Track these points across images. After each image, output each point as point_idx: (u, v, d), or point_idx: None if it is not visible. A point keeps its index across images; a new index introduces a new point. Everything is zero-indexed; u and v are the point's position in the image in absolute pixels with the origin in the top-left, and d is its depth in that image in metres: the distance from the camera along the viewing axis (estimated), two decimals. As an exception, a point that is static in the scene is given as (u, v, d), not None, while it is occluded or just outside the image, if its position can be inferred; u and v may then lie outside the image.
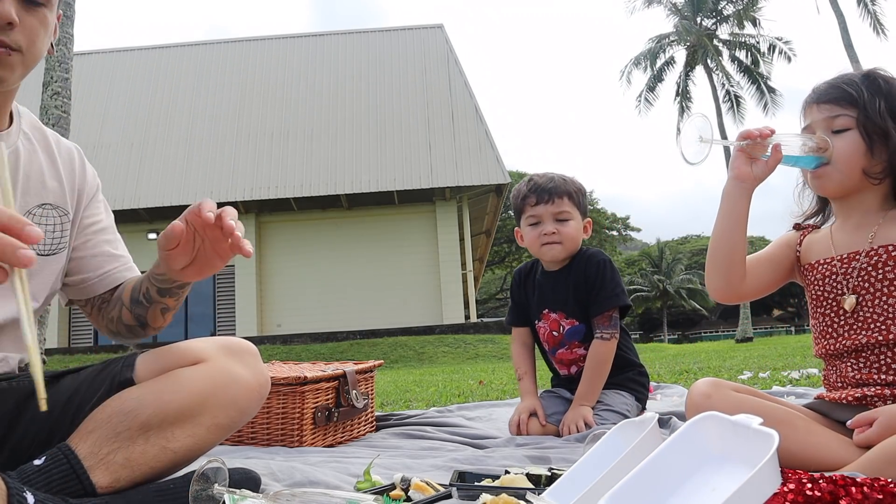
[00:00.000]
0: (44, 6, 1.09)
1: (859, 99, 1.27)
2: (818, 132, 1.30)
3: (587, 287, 2.07)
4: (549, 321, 2.16)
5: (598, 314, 2.05)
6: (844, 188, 1.31)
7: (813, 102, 1.33)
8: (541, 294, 2.18)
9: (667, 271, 38.35)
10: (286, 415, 2.02)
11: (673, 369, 5.38)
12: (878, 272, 1.26)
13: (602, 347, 2.03)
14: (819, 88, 1.34)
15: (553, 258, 2.11)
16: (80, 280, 1.30)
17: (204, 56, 19.74)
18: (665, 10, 23.23)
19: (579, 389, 2.03)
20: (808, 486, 0.85)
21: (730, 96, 23.10)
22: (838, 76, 1.33)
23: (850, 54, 17.64)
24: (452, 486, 1.20)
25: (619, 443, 1.05)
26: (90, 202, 1.34)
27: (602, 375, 2.03)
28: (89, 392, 1.14)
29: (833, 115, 1.29)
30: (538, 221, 2.09)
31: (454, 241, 17.64)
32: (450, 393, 4.32)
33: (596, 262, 2.09)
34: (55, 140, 1.30)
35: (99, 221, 1.35)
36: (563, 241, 2.07)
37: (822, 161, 1.29)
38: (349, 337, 16.27)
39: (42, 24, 1.09)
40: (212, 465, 0.99)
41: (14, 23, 1.03)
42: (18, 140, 1.20)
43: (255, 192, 17.40)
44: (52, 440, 1.06)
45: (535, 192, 2.08)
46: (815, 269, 1.36)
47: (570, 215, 2.08)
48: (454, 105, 18.23)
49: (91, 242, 1.32)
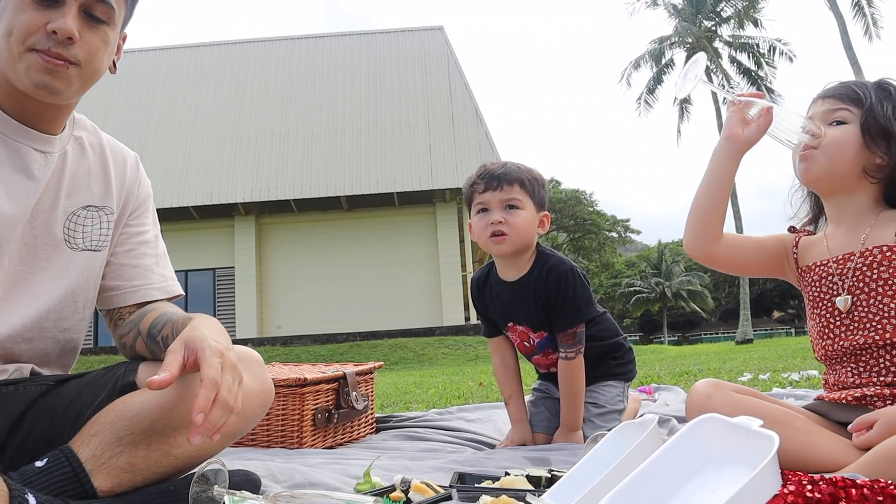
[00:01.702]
0: (106, 24, 1.12)
1: (865, 99, 1.29)
2: (815, 121, 1.33)
3: (548, 302, 1.91)
4: (517, 333, 2.03)
5: (562, 331, 1.91)
6: (829, 178, 1.32)
7: (818, 97, 1.36)
8: (502, 306, 2.01)
9: (666, 273, 38.36)
10: (286, 416, 2.01)
11: (673, 371, 5.38)
12: (872, 272, 1.27)
13: (569, 367, 1.91)
14: (828, 86, 1.37)
15: (499, 253, 1.92)
16: (111, 287, 1.29)
17: (204, 57, 19.76)
18: (665, 12, 23.27)
19: (563, 415, 1.94)
20: (808, 488, 0.85)
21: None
22: (851, 80, 1.36)
23: (850, 56, 17.67)
24: (452, 487, 1.20)
25: (619, 444, 1.05)
26: (138, 210, 1.35)
27: (579, 394, 1.93)
28: (92, 395, 1.15)
29: (833, 108, 1.32)
30: (485, 209, 1.90)
31: (454, 242, 17.65)
32: (450, 395, 4.31)
33: (558, 275, 1.89)
34: (111, 146, 1.33)
35: (144, 232, 1.35)
36: (509, 234, 1.86)
37: (810, 142, 1.32)
38: (349, 338, 16.27)
39: (103, 41, 1.12)
40: (212, 466, 0.99)
41: (74, 38, 1.06)
42: (68, 144, 1.23)
43: (255, 193, 17.41)
44: (54, 442, 1.06)
45: (484, 178, 1.90)
46: (812, 272, 1.38)
47: (520, 204, 1.88)
48: (454, 107, 18.24)
49: (133, 252, 1.32)
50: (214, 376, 0.95)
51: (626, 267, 41.77)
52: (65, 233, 1.22)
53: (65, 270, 1.22)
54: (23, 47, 1.06)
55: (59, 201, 1.20)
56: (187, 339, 1.01)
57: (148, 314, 1.25)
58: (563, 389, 1.93)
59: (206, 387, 0.94)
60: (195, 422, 0.92)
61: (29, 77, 1.07)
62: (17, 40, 1.06)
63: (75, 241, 1.23)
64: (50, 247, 1.20)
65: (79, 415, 1.11)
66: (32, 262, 1.18)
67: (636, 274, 40.22)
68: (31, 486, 0.95)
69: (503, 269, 1.99)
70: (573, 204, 35.38)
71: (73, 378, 1.21)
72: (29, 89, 1.08)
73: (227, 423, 0.97)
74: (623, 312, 39.90)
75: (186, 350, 1.00)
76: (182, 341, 1.01)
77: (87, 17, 1.10)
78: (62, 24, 1.05)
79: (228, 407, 0.96)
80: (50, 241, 1.20)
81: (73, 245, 1.23)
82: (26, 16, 1.06)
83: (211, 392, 0.94)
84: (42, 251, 1.19)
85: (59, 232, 1.21)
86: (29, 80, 1.07)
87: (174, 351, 1.00)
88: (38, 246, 1.19)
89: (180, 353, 0.99)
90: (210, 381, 0.94)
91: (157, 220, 1.41)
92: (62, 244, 1.21)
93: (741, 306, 20.69)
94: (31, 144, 1.16)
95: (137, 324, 1.25)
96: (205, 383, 0.94)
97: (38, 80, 1.07)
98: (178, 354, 0.99)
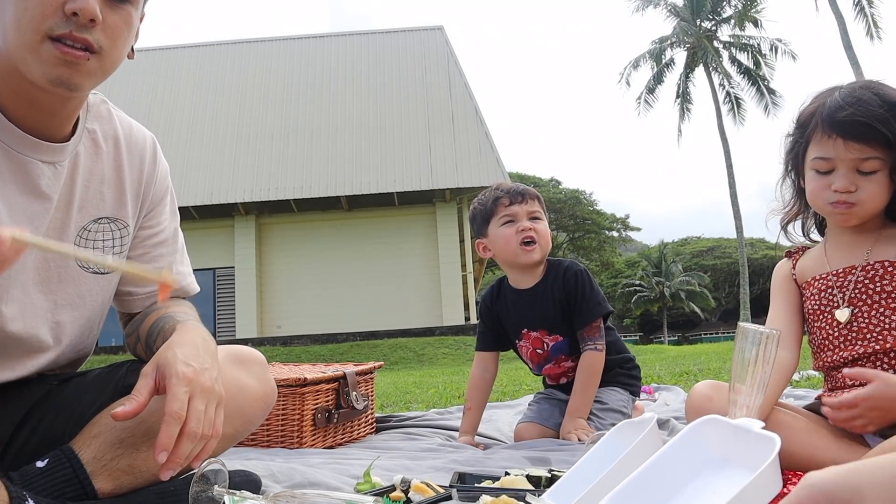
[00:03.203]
0: (129, 3, 0.99)
1: (894, 141, 1.19)
2: (841, 168, 1.24)
3: (568, 300, 2.02)
4: (531, 340, 2.09)
5: (585, 326, 2.01)
6: (861, 220, 1.29)
7: (838, 136, 1.22)
8: (517, 314, 2.10)
9: (666, 273, 38.33)
10: (286, 416, 2.01)
11: (673, 371, 5.38)
12: (875, 285, 1.26)
13: (594, 358, 1.98)
14: (843, 120, 1.22)
15: (530, 261, 2.02)
16: (126, 292, 1.24)
17: (204, 57, 19.74)
18: (665, 12, 23.26)
19: (572, 403, 1.97)
20: (808, 489, 0.85)
21: (730, 98, 23.12)
22: (858, 103, 1.21)
23: (850, 56, 17.66)
24: (452, 487, 1.20)
25: (619, 444, 1.05)
26: (155, 208, 1.25)
27: (594, 386, 1.98)
28: (94, 395, 1.14)
29: (864, 157, 1.21)
30: (512, 220, 2.02)
31: (454, 242, 17.63)
32: (450, 394, 4.31)
33: (573, 274, 2.04)
34: (126, 135, 1.20)
35: (160, 232, 1.26)
36: (538, 241, 2.02)
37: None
38: (349, 338, 16.26)
39: (126, 23, 0.99)
40: (212, 466, 0.99)
41: (97, 19, 0.93)
42: (80, 144, 1.11)
43: (255, 193, 17.40)
44: (55, 441, 1.05)
45: (508, 193, 2.05)
46: (811, 286, 1.37)
47: (542, 216, 2.06)
48: (454, 107, 18.22)
49: (148, 256, 1.24)
50: (177, 410, 0.90)
51: (626, 266, 41.69)
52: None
53: (78, 299, 1.14)
54: (38, 35, 0.92)
55: (70, 216, 1.10)
56: (159, 362, 0.97)
57: (149, 315, 1.21)
58: (580, 378, 1.98)
59: (167, 422, 0.89)
60: (158, 461, 0.88)
61: (43, 71, 0.94)
62: (29, 27, 0.91)
63: (87, 264, 1.15)
64: (62, 269, 1.12)
65: (80, 414, 1.10)
66: (45, 287, 1.10)
67: (635, 273, 40.18)
68: (31, 487, 0.94)
69: (518, 280, 2.11)
70: (573, 203, 35.35)
71: (75, 377, 1.20)
72: (43, 84, 0.95)
73: (206, 448, 0.94)
74: (623, 312, 39.84)
75: (158, 373, 0.96)
76: (154, 364, 0.98)
77: None
78: (83, 4, 0.91)
79: (197, 438, 0.91)
80: (62, 263, 1.11)
81: (85, 266, 1.14)
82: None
83: (173, 427, 0.89)
84: (55, 274, 1.11)
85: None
86: (43, 74, 0.94)
87: (146, 375, 0.96)
88: (51, 269, 1.10)
89: (151, 378, 0.96)
90: (172, 416, 0.89)
91: (175, 210, 1.31)
92: (73, 265, 1.13)
93: (741, 306, 20.70)
94: (38, 157, 1.03)
95: (138, 327, 1.22)
96: (166, 418, 0.89)
97: (55, 75, 0.94)
98: (150, 379, 0.96)
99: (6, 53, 0.96)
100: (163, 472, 0.91)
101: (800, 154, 1.33)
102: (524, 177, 35.71)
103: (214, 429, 0.95)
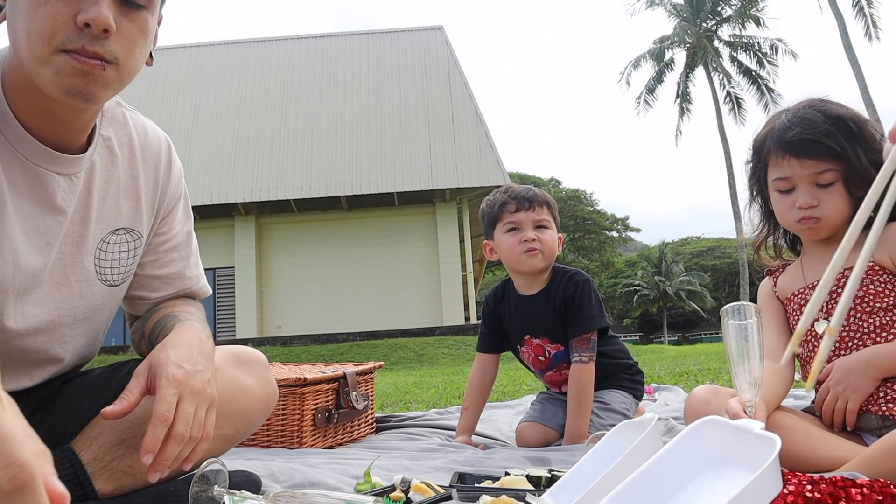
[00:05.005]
0: (145, 8, 0.94)
1: (843, 154, 1.27)
2: (801, 185, 1.31)
3: (566, 308, 2.00)
4: (533, 346, 2.07)
5: (576, 336, 1.96)
6: (829, 232, 1.34)
7: (791, 156, 1.31)
8: (520, 319, 2.08)
9: (666, 273, 38.33)
10: (286, 416, 2.01)
11: (673, 371, 5.38)
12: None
13: (582, 371, 1.93)
14: (792, 140, 1.31)
15: (532, 268, 2.00)
16: (137, 296, 1.23)
17: (204, 57, 19.75)
18: (665, 12, 23.27)
19: (569, 426, 1.91)
20: (807, 488, 0.85)
21: (730, 97, 23.12)
22: (803, 122, 1.30)
23: (850, 56, 17.66)
24: (452, 487, 1.20)
25: (619, 444, 1.05)
26: (169, 214, 1.23)
27: (588, 401, 1.93)
28: (96, 394, 1.15)
29: (819, 171, 1.30)
30: (517, 228, 2.00)
31: (454, 242, 17.63)
32: (450, 395, 4.32)
33: (575, 283, 2.01)
34: (141, 140, 1.16)
35: (172, 238, 1.24)
36: (543, 250, 1.98)
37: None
38: (349, 338, 16.27)
39: (142, 31, 0.95)
40: (212, 466, 0.99)
41: (111, 30, 0.89)
42: (95, 153, 1.08)
43: (255, 193, 17.40)
44: (56, 440, 1.05)
45: (515, 199, 2.01)
46: (792, 301, 1.41)
47: (548, 224, 2.02)
48: (454, 107, 18.23)
49: (159, 262, 1.22)
50: (164, 412, 0.89)
51: (627, 266, 41.70)
52: (96, 264, 1.11)
53: (92, 313, 1.13)
54: (49, 48, 0.87)
55: (88, 229, 1.08)
56: (152, 363, 0.97)
57: (155, 314, 1.20)
58: (571, 394, 1.93)
59: (154, 424, 0.88)
60: (144, 462, 0.88)
61: (58, 83, 0.89)
62: (41, 40, 0.87)
63: (104, 275, 1.12)
64: (83, 284, 1.10)
65: (81, 414, 1.10)
66: (68, 303, 1.08)
67: (636, 274, 40.19)
68: (31, 486, 0.94)
69: (523, 285, 2.08)
70: (573, 203, 35.35)
71: (77, 376, 1.21)
72: (59, 97, 0.91)
73: (195, 450, 0.94)
74: (623, 312, 39.87)
75: (150, 374, 0.95)
76: (147, 364, 0.97)
77: (122, 1, 0.91)
78: (96, 14, 0.86)
79: (185, 441, 0.91)
80: (82, 277, 1.09)
81: (104, 278, 1.12)
82: (49, 7, 0.86)
83: (160, 429, 0.88)
84: (76, 290, 1.09)
85: (90, 265, 1.10)
86: (58, 86, 0.90)
87: (138, 374, 0.96)
88: (72, 285, 1.08)
89: (143, 378, 0.95)
90: (159, 418, 0.89)
91: (189, 213, 1.29)
92: (94, 278, 1.10)
93: (741, 306, 20.63)
94: (55, 169, 1.01)
95: (144, 324, 1.22)
96: (153, 420, 0.89)
97: (70, 87, 0.90)
98: (141, 379, 0.95)
99: (20, 65, 0.93)
100: (150, 474, 0.90)
101: (761, 178, 1.41)
102: (524, 177, 35.72)
103: (205, 431, 0.94)
